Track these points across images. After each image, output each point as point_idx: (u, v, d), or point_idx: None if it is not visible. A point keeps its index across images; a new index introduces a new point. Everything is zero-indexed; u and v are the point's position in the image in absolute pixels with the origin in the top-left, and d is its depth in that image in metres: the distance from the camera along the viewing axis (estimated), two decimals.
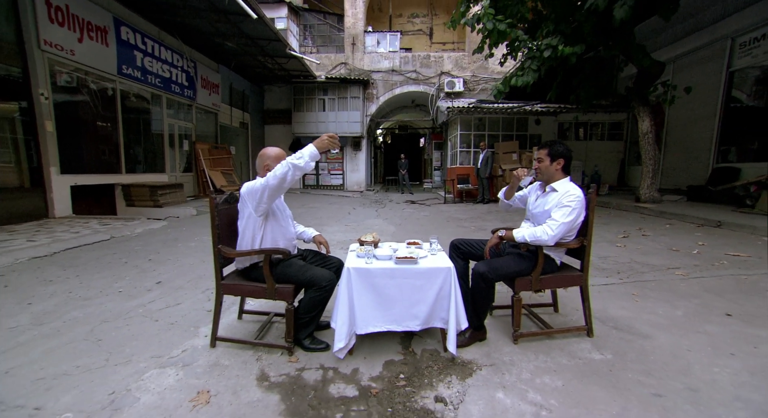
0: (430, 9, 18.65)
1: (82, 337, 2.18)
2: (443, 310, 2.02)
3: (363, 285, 2.00)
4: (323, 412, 1.57)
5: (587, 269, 2.16)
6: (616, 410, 1.52)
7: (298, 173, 1.86)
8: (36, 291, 2.89)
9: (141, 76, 8.00)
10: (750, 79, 6.71)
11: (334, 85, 14.53)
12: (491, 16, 6.41)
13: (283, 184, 1.88)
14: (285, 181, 1.87)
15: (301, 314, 2.07)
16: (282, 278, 2.05)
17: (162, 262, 3.84)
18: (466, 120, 11.26)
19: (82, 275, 3.31)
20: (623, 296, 2.81)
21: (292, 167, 1.85)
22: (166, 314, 2.56)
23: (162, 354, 2.01)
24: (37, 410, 1.52)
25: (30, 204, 5.67)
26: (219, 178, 11.05)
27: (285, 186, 1.90)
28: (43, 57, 5.69)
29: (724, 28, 6.76)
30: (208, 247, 4.55)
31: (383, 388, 1.74)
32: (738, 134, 6.87)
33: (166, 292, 2.98)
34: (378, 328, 2.01)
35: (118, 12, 7.26)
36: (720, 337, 2.09)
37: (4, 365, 1.85)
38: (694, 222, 5.42)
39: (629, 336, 2.17)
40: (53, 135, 5.87)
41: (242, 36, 9.50)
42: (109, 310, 2.59)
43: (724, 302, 2.57)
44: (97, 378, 1.77)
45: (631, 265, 3.61)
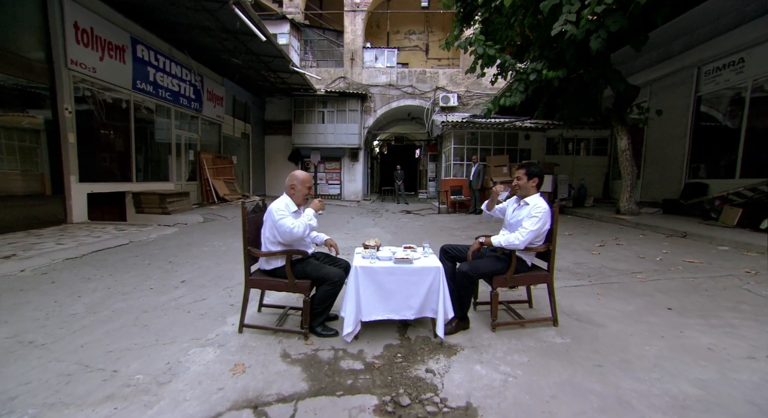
0: (427, 26, 19.44)
1: (131, 323, 2.59)
2: (433, 302, 2.46)
3: (368, 280, 2.44)
4: (337, 379, 1.99)
5: (553, 270, 2.62)
6: (565, 376, 1.97)
7: (307, 233, 2.46)
8: (80, 287, 3.29)
9: (153, 90, 8.47)
10: (724, 101, 7.32)
11: (333, 98, 15.10)
12: (482, 41, 6.99)
13: (292, 238, 2.43)
14: (293, 237, 2.42)
15: (316, 305, 2.50)
16: (300, 275, 2.49)
17: (181, 264, 4.25)
18: (459, 134, 11.84)
19: (115, 275, 3.71)
20: (589, 295, 3.27)
21: (307, 229, 2.46)
22: (196, 307, 2.97)
23: (200, 337, 2.43)
24: (115, 372, 1.94)
25: (51, 210, 6.05)
26: (222, 186, 11.47)
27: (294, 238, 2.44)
28: (69, 75, 6.15)
29: (691, 58, 7.42)
30: (221, 251, 4.98)
31: (384, 363, 2.17)
32: (707, 153, 7.48)
33: (191, 289, 3.39)
34: (379, 316, 2.45)
35: (135, 32, 7.77)
36: (657, 325, 2.55)
37: (79, 340, 2.27)
38: (665, 233, 5.94)
39: (587, 325, 2.63)
40: (74, 146, 6.29)
41: (248, 53, 10.03)
42: (146, 303, 2.99)
43: (669, 299, 3.04)
44: (153, 353, 2.18)
45: (601, 270, 4.09)
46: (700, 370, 1.97)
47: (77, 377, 1.89)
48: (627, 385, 1.86)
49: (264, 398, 1.79)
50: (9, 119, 5.65)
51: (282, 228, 2.39)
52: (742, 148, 6.58)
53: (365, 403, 1.78)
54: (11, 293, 3.09)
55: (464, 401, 1.78)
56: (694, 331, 2.45)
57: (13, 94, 5.67)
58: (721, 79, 6.98)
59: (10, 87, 5.61)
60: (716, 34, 6.83)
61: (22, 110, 5.81)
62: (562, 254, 4.93)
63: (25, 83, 5.75)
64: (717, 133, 7.29)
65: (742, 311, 2.73)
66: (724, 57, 6.85)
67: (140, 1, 7.14)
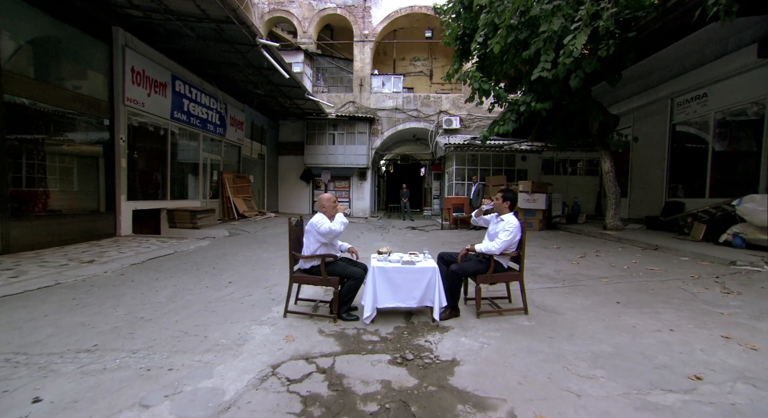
0: (430, 53, 20.74)
1: (203, 309, 3.43)
2: (431, 294, 3.27)
3: (382, 277, 3.27)
4: (360, 345, 2.80)
5: (523, 270, 3.43)
6: (525, 344, 2.76)
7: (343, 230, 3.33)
8: (154, 284, 4.16)
9: (186, 119, 9.55)
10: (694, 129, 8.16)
11: (343, 121, 16.20)
12: (477, 77, 7.97)
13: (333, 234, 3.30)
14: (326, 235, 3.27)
15: (342, 295, 3.32)
16: (331, 273, 3.32)
17: (224, 269, 5.11)
18: (461, 155, 12.77)
19: (175, 276, 4.58)
20: (559, 295, 4.05)
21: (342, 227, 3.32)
22: (246, 300, 3.81)
23: (256, 319, 3.26)
24: (206, 337, 2.77)
25: (104, 225, 6.99)
26: (241, 204, 12.44)
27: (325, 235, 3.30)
28: (124, 110, 7.21)
29: (665, 90, 8.32)
30: (253, 260, 5.84)
31: (394, 337, 2.97)
32: (682, 175, 8.28)
33: (238, 288, 4.23)
34: (390, 304, 3.27)
35: (174, 69, 8.91)
36: (603, 313, 3.33)
37: (173, 318, 3.12)
38: (641, 246, 6.69)
39: (551, 314, 3.41)
40: (125, 169, 7.28)
41: (269, 84, 11.17)
42: (207, 297, 3.84)
43: (620, 296, 3.81)
44: (226, 327, 3.01)
45: (575, 276, 4.86)
46: (620, 338, 2.76)
47: (182, 339, 2.73)
48: (566, 347, 2.65)
49: (311, 355, 2.61)
50: (78, 148, 6.69)
51: (325, 230, 3.25)
52: (709, 171, 7.38)
53: (382, 358, 2.58)
54: (109, 288, 3.97)
55: (451, 357, 2.58)
56: (628, 316, 3.22)
57: (82, 127, 6.73)
58: (690, 110, 7.86)
59: (82, 122, 6.68)
60: (684, 72, 7.75)
61: (88, 141, 6.86)
62: (546, 263, 5.71)
63: (92, 119, 6.82)
64: (690, 158, 8.12)
65: (670, 304, 3.50)
66: (691, 91, 7.75)
67: (183, 45, 8.30)
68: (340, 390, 2.13)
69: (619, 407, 1.90)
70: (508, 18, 5.72)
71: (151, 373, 2.24)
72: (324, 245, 3.36)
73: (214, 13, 6.75)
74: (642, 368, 2.29)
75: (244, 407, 1.93)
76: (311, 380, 2.25)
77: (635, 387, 2.08)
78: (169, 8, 6.75)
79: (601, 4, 4.90)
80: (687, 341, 2.66)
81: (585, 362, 2.41)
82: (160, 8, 6.76)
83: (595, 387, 2.10)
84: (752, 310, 3.22)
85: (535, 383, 2.18)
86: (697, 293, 3.81)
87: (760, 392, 1.96)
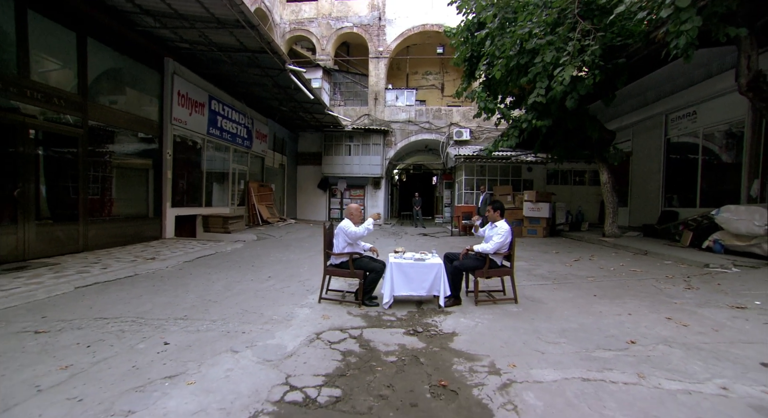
0: (442, 68, 21.65)
1: (253, 296, 4.29)
2: (437, 285, 4.05)
3: (397, 271, 4.07)
4: (381, 322, 3.59)
5: (513, 267, 4.18)
6: (510, 323, 3.50)
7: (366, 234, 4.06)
8: (209, 277, 5.05)
9: (219, 134, 10.60)
10: (686, 144, 8.76)
11: (358, 133, 17.15)
12: (483, 97, 8.77)
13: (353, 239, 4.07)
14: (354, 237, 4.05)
15: (366, 285, 4.13)
16: (357, 267, 4.14)
17: (261, 267, 5.98)
18: (470, 166, 13.53)
19: (223, 272, 5.47)
20: (548, 290, 4.76)
21: (367, 232, 4.06)
22: (286, 290, 4.65)
23: (296, 303, 4.09)
24: (262, 314, 3.62)
25: (152, 228, 8.00)
26: (264, 210, 13.43)
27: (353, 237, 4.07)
28: (171, 128, 8.27)
29: (660, 107, 8.95)
30: (284, 260, 6.70)
31: (407, 318, 3.75)
32: (676, 186, 8.86)
33: (277, 282, 5.08)
34: (404, 293, 4.06)
35: (211, 90, 9.99)
36: (580, 304, 4.05)
37: (233, 301, 3.98)
38: (633, 251, 7.31)
39: (536, 303, 4.14)
40: (170, 180, 8.31)
41: (292, 101, 12.19)
42: (254, 287, 4.70)
43: (599, 291, 4.51)
44: (275, 308, 3.85)
45: (566, 276, 5.56)
46: (586, 319, 3.48)
47: (245, 315, 3.58)
48: (542, 325, 3.39)
49: (344, 327, 3.41)
50: (134, 162, 7.75)
51: (352, 232, 4.07)
52: (699, 182, 7.97)
53: (398, 331, 3.37)
54: (175, 279, 4.88)
55: (451, 331, 3.35)
56: (599, 305, 3.94)
57: (138, 144, 7.80)
58: (682, 126, 8.48)
59: (138, 139, 7.76)
60: (676, 91, 8.39)
61: (141, 155, 7.92)
62: (542, 265, 6.41)
63: (146, 137, 7.90)
64: (683, 170, 8.70)
65: (637, 296, 4.19)
66: (682, 109, 8.38)
67: (220, 70, 9.37)
68: (368, 349, 2.93)
69: (569, 359, 2.65)
70: (508, 50, 6.52)
71: (231, 334, 3.08)
72: (350, 244, 4.18)
73: (251, 45, 7.76)
74: (595, 337, 3.02)
75: (302, 356, 2.75)
76: (346, 342, 3.05)
77: (585, 348, 2.82)
78: (212, 41, 7.79)
79: (586, 40, 5.65)
80: (637, 321, 3.37)
81: (553, 334, 3.15)
82: (204, 42, 7.81)
83: (557, 348, 2.85)
84: (700, 300, 3.90)
85: (512, 346, 2.94)
86: (664, 288, 4.49)
87: (672, 349, 2.68)
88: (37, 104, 5.41)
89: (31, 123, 5.42)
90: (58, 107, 5.72)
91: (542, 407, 2.06)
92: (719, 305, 3.72)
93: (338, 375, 2.46)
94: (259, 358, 2.66)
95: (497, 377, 2.43)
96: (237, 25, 6.76)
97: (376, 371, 2.53)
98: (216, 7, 6.16)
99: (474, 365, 2.64)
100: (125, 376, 2.30)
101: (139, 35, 7.41)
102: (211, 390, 2.19)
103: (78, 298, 3.89)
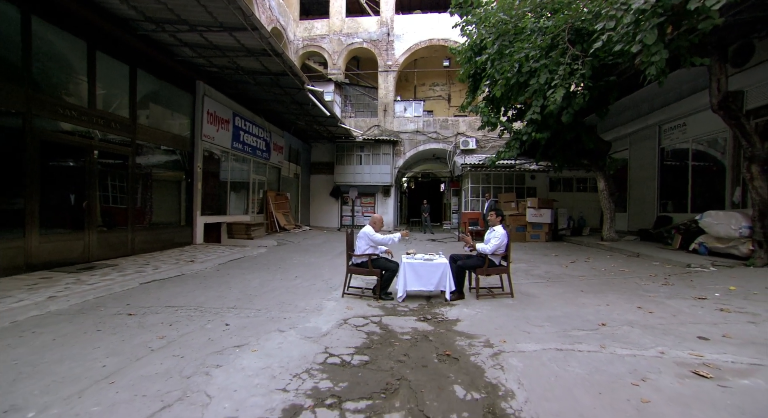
0: (448, 79, 22.43)
1: (286, 292, 5.02)
2: (444, 281, 4.73)
3: (409, 269, 4.76)
4: (396, 312, 4.28)
5: (509, 265, 4.84)
6: (505, 312, 4.16)
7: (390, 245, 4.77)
8: (244, 277, 5.80)
9: (241, 147, 11.47)
10: (678, 153, 9.32)
11: (369, 143, 17.96)
12: (486, 112, 9.48)
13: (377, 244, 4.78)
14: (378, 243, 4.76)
15: (383, 282, 4.83)
16: (375, 266, 4.84)
17: (287, 269, 6.72)
18: (475, 174, 14.18)
19: (255, 273, 6.22)
20: (542, 287, 5.39)
21: (391, 242, 4.77)
22: (313, 287, 5.37)
23: (323, 297, 4.80)
24: (296, 305, 4.34)
25: (184, 235, 8.83)
26: (281, 218, 14.24)
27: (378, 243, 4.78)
28: (201, 144, 9.14)
29: (653, 119, 9.53)
30: (306, 263, 7.43)
31: (418, 309, 4.44)
32: (670, 192, 9.40)
33: (304, 281, 5.81)
34: (415, 288, 4.74)
35: (235, 108, 10.90)
36: (567, 297, 4.68)
37: (270, 296, 4.72)
38: (626, 254, 7.87)
39: (530, 297, 4.78)
40: (200, 191, 9.16)
41: (308, 115, 13.05)
42: (285, 285, 5.43)
43: (586, 287, 5.14)
44: (306, 301, 4.57)
45: (560, 275, 6.17)
46: (569, 309, 4.12)
47: (283, 305, 4.31)
48: (532, 313, 4.04)
49: (366, 315, 4.10)
50: (170, 175, 8.63)
51: (377, 238, 4.78)
52: (690, 189, 8.51)
53: (411, 318, 4.05)
54: (216, 278, 5.65)
55: (455, 318, 4.02)
56: (583, 298, 4.57)
57: (173, 158, 8.68)
58: (674, 136, 9.05)
59: (173, 154, 8.64)
60: (667, 104, 8.98)
61: (176, 168, 8.80)
62: (541, 266, 7.03)
63: (180, 152, 8.78)
64: (675, 177, 9.25)
65: (618, 291, 4.81)
66: (673, 121, 8.96)
67: (243, 89, 10.26)
68: (387, 330, 3.62)
69: (549, 337, 3.30)
70: (506, 72, 7.24)
71: (275, 319, 3.81)
72: (371, 246, 4.90)
73: (274, 69, 8.61)
74: (573, 322, 3.67)
75: (335, 335, 3.45)
76: (368, 326, 3.75)
77: (563, 329, 3.47)
78: (240, 66, 8.67)
79: (576, 64, 6.32)
80: (612, 310, 4.01)
81: (540, 320, 3.81)
82: (232, 66, 8.70)
83: (541, 330, 3.51)
84: (671, 293, 4.51)
85: (505, 329, 3.60)
86: (643, 285, 5.09)
87: (633, 329, 3.32)
88: (100, 129, 6.32)
89: (95, 145, 6.32)
90: (114, 130, 6.62)
91: (522, 367, 2.73)
92: (685, 297, 4.33)
93: (365, 348, 3.15)
94: (301, 336, 3.37)
95: (490, 348, 3.10)
96: (264, 54, 7.61)
97: (395, 345, 3.22)
98: (247, 39, 7.02)
99: (472, 341, 3.31)
100: (205, 344, 3.03)
101: (176, 63, 8.32)
102: (270, 355, 2.91)
103: (145, 291, 4.68)
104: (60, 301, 3.89)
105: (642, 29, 4.60)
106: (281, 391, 2.34)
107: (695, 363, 2.61)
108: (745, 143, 5.50)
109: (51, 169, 5.69)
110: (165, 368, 2.58)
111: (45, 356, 2.78)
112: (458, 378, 2.57)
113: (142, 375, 2.46)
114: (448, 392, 2.38)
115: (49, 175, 5.56)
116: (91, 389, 2.28)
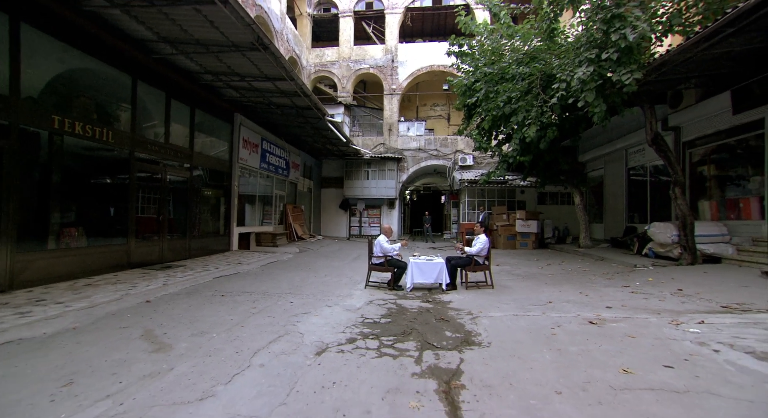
0: (448, 100, 24.27)
1: (321, 285, 6.62)
2: (441, 276, 6.33)
3: (415, 267, 6.37)
4: (406, 297, 5.87)
5: (490, 264, 6.45)
6: (485, 297, 5.75)
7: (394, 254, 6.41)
8: (285, 276, 7.41)
9: (267, 167, 13.19)
10: (640, 173, 10.95)
11: (375, 160, 19.69)
12: (478, 139, 11.17)
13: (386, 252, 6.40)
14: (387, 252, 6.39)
15: (396, 277, 6.43)
16: (390, 265, 6.45)
17: (317, 270, 8.32)
18: (472, 189, 15.83)
19: (292, 272, 7.82)
20: (517, 281, 6.97)
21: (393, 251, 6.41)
22: (342, 282, 6.96)
23: (352, 288, 6.39)
24: (332, 292, 5.95)
25: (223, 243, 10.47)
26: (298, 228, 15.88)
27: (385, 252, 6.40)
28: (237, 165, 10.86)
29: (620, 143, 11.19)
30: (330, 267, 9.04)
31: (422, 296, 6.03)
32: (636, 206, 11.02)
33: (332, 279, 7.40)
34: (420, 281, 6.35)
35: (263, 133, 12.66)
36: (533, 288, 6.26)
37: (311, 286, 6.34)
38: (594, 258, 9.45)
39: (505, 288, 6.37)
40: (236, 205, 10.83)
41: (323, 138, 14.81)
42: (319, 281, 7.03)
43: (550, 281, 6.71)
44: (338, 290, 6.17)
45: (535, 274, 7.75)
46: (531, 295, 5.71)
47: (323, 293, 5.91)
48: (504, 298, 5.63)
49: (384, 299, 5.69)
50: (214, 192, 10.32)
51: (387, 248, 6.41)
52: (649, 203, 10.12)
53: (417, 301, 5.64)
54: (264, 275, 7.26)
55: (449, 300, 5.61)
56: (545, 288, 6.15)
57: (216, 179, 10.39)
58: (636, 158, 10.70)
59: (216, 175, 10.35)
60: (630, 132, 10.66)
61: (218, 187, 10.50)
62: (522, 268, 8.61)
63: (221, 173, 10.49)
64: (639, 193, 10.88)
65: (573, 283, 6.39)
66: (635, 146, 10.63)
67: (270, 118, 12.04)
68: (400, 307, 5.21)
69: (511, 309, 4.88)
70: (492, 111, 8.95)
71: (322, 300, 5.41)
72: (383, 251, 6.52)
73: (300, 104, 10.36)
74: (530, 303, 5.25)
75: (366, 309, 5.04)
76: (387, 305, 5.34)
77: (522, 305, 5.06)
78: (272, 102, 10.43)
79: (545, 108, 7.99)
80: (561, 294, 5.59)
81: (508, 300, 5.39)
82: (265, 102, 10.46)
83: (507, 306, 5.09)
84: (607, 284, 6.09)
85: (483, 306, 5.18)
86: (594, 279, 6.68)
87: (568, 304, 4.92)
88: (170, 159, 8.08)
89: (167, 170, 8.06)
90: (179, 158, 8.36)
91: (488, 323, 4.32)
92: (616, 286, 5.92)
93: (387, 315, 4.75)
94: (343, 309, 4.98)
95: (470, 316, 4.70)
96: (294, 95, 9.37)
97: (407, 314, 4.82)
98: (283, 85, 8.77)
99: (459, 312, 4.91)
100: (284, 312, 4.64)
101: (222, 101, 10.10)
102: (328, 318, 4.51)
103: (221, 283, 6.30)
104: (170, 287, 5.52)
105: (586, 89, 6.30)
106: (341, 333, 3.94)
107: (594, 318, 4.20)
108: (671, 171, 7.14)
109: (139, 191, 7.40)
110: (267, 321, 4.20)
111: (194, 314, 4.40)
112: (448, 329, 4.17)
113: (257, 324, 4.08)
114: (442, 333, 3.98)
115: (138, 195, 7.27)
116: (234, 328, 3.90)
